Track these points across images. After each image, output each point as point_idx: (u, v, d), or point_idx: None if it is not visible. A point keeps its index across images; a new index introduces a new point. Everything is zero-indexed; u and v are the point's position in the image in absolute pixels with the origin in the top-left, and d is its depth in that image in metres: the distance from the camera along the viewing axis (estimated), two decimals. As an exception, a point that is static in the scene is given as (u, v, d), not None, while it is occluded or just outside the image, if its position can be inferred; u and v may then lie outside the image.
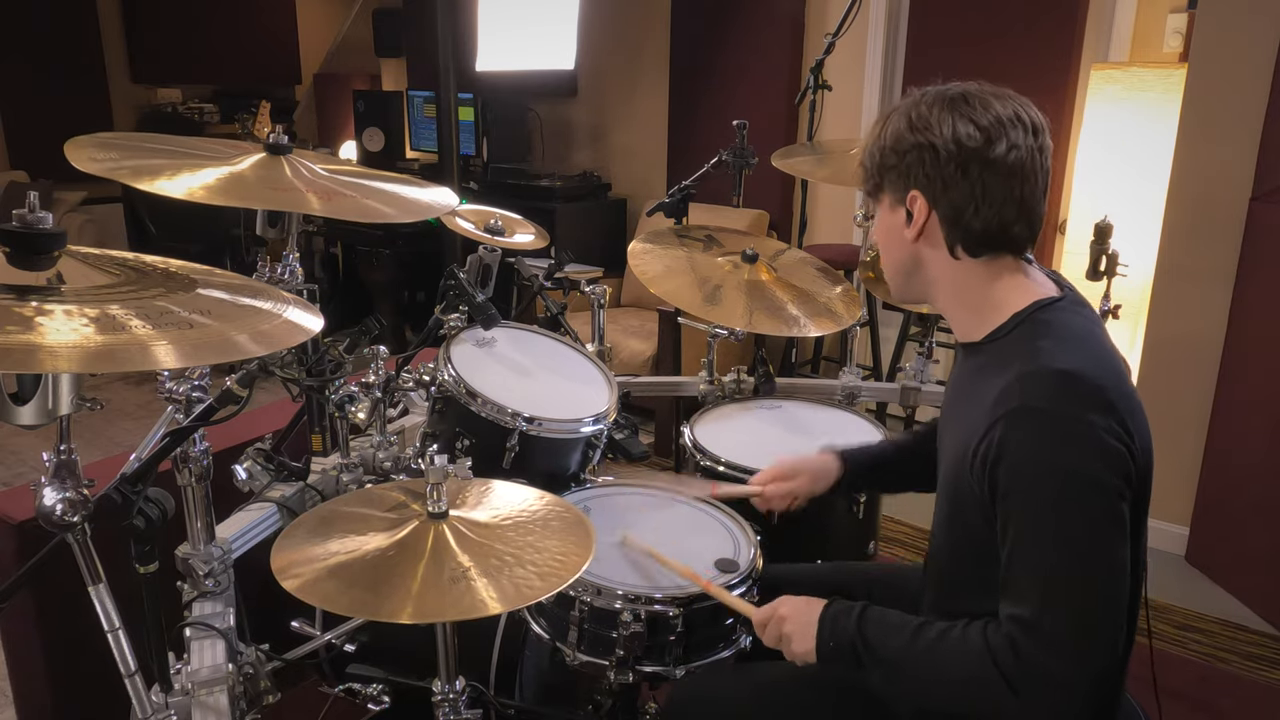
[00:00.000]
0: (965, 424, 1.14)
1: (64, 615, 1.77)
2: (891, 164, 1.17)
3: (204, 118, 6.14)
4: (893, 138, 1.17)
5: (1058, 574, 1.03)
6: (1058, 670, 1.01)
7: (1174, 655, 2.51)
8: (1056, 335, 1.10)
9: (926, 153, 1.13)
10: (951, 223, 1.15)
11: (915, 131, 1.14)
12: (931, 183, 1.14)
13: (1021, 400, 1.04)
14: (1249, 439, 2.71)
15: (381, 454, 1.72)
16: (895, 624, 1.16)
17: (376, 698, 1.50)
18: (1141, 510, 1.12)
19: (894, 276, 1.27)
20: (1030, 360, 1.07)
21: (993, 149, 1.11)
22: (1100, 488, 1.02)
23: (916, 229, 1.17)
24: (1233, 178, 2.70)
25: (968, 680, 1.08)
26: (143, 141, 1.50)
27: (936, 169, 1.13)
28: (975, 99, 1.13)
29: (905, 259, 1.22)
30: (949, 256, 1.17)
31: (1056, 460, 1.02)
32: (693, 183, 2.44)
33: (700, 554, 1.53)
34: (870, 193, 1.25)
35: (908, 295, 1.28)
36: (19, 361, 0.88)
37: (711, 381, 2.20)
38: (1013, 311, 1.15)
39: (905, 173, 1.16)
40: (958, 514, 1.17)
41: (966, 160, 1.12)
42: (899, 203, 1.19)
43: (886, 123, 1.19)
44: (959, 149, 1.11)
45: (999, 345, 1.15)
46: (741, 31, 4.26)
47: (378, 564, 1.14)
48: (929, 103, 1.15)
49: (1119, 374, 1.09)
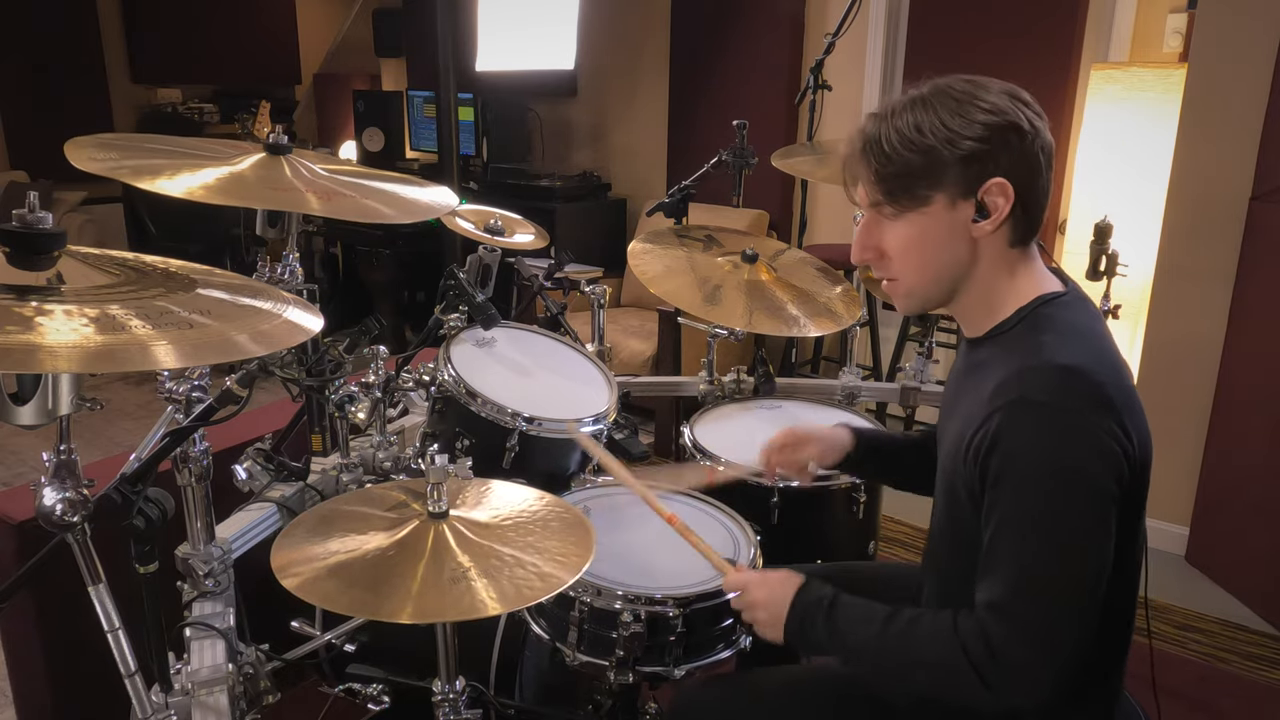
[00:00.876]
0: (964, 415, 1.14)
1: (64, 615, 1.77)
2: (964, 153, 1.06)
3: (204, 118, 6.14)
4: (945, 128, 1.06)
5: (1035, 565, 1.03)
6: (1025, 659, 1.02)
7: (1174, 655, 2.51)
8: (1059, 330, 1.09)
9: (1012, 135, 1.06)
10: (1029, 208, 1.10)
11: (985, 113, 1.06)
12: (1017, 167, 1.07)
13: (1020, 393, 1.04)
14: (1249, 439, 2.71)
15: (381, 454, 1.72)
16: (864, 615, 1.16)
17: (376, 698, 1.50)
18: (1137, 509, 1.12)
19: (934, 282, 1.16)
20: (1032, 354, 1.07)
21: (1044, 129, 1.09)
22: (1090, 486, 1.02)
23: (997, 220, 1.09)
24: (1233, 178, 2.70)
25: (937, 666, 1.08)
26: (143, 141, 1.50)
27: (1023, 152, 1.07)
28: (991, 84, 1.09)
29: (957, 261, 1.13)
30: (1005, 249, 1.12)
31: (1051, 454, 1.02)
32: (693, 183, 2.44)
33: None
34: (896, 193, 1.11)
35: (934, 302, 1.19)
36: (19, 361, 0.88)
37: (711, 381, 2.20)
38: (1017, 306, 1.14)
39: (986, 160, 1.06)
40: (953, 505, 1.17)
41: (1041, 141, 1.09)
42: (962, 197, 1.08)
43: (911, 115, 1.08)
44: (1034, 131, 1.08)
45: (1003, 339, 1.14)
46: (741, 31, 4.26)
47: (378, 564, 1.14)
48: (984, 89, 1.08)
49: (1119, 371, 1.09)
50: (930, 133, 1.07)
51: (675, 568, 1.49)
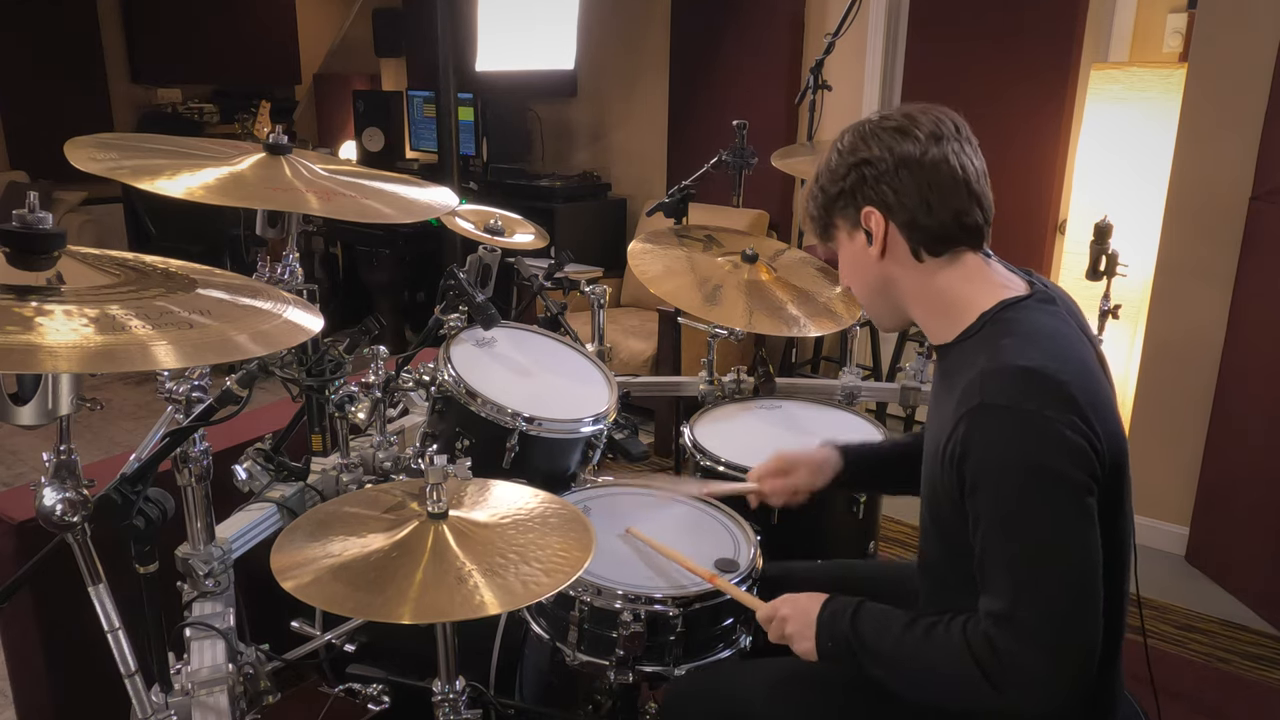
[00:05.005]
0: (937, 423, 1.17)
1: (64, 615, 1.77)
2: (836, 193, 1.22)
3: (204, 118, 6.14)
4: (828, 173, 1.23)
5: (1026, 568, 1.04)
6: (1034, 662, 1.03)
7: (1174, 655, 2.51)
8: (1019, 333, 1.12)
9: (865, 169, 1.18)
10: (910, 226, 1.18)
11: (847, 157, 1.20)
12: (880, 193, 1.18)
13: (981, 397, 1.06)
14: (1249, 439, 2.71)
15: (381, 454, 1.72)
16: (886, 622, 1.17)
17: (376, 698, 1.50)
18: (1118, 502, 1.13)
19: (871, 304, 1.30)
20: (992, 358, 1.09)
21: (924, 148, 1.15)
22: (1063, 481, 1.03)
23: (879, 244, 1.20)
24: (1233, 178, 2.70)
25: (951, 676, 1.09)
26: (143, 141, 1.50)
27: (879, 180, 1.18)
28: (894, 115, 1.19)
29: (875, 280, 1.25)
30: (915, 263, 1.20)
31: (1018, 456, 1.04)
32: (693, 183, 2.44)
33: (700, 554, 1.53)
34: (822, 236, 1.29)
35: (890, 319, 1.30)
36: (19, 361, 0.88)
37: (711, 381, 2.20)
38: (980, 311, 1.17)
39: (852, 195, 1.20)
40: (937, 511, 1.19)
41: (904, 163, 1.16)
42: (854, 227, 1.22)
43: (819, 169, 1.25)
44: (892, 155, 1.16)
45: (967, 345, 1.17)
46: (741, 31, 4.26)
47: (378, 564, 1.14)
48: (851, 134, 1.22)
49: (1083, 369, 1.11)
50: (820, 176, 1.25)
51: (675, 567, 1.49)
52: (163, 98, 6.10)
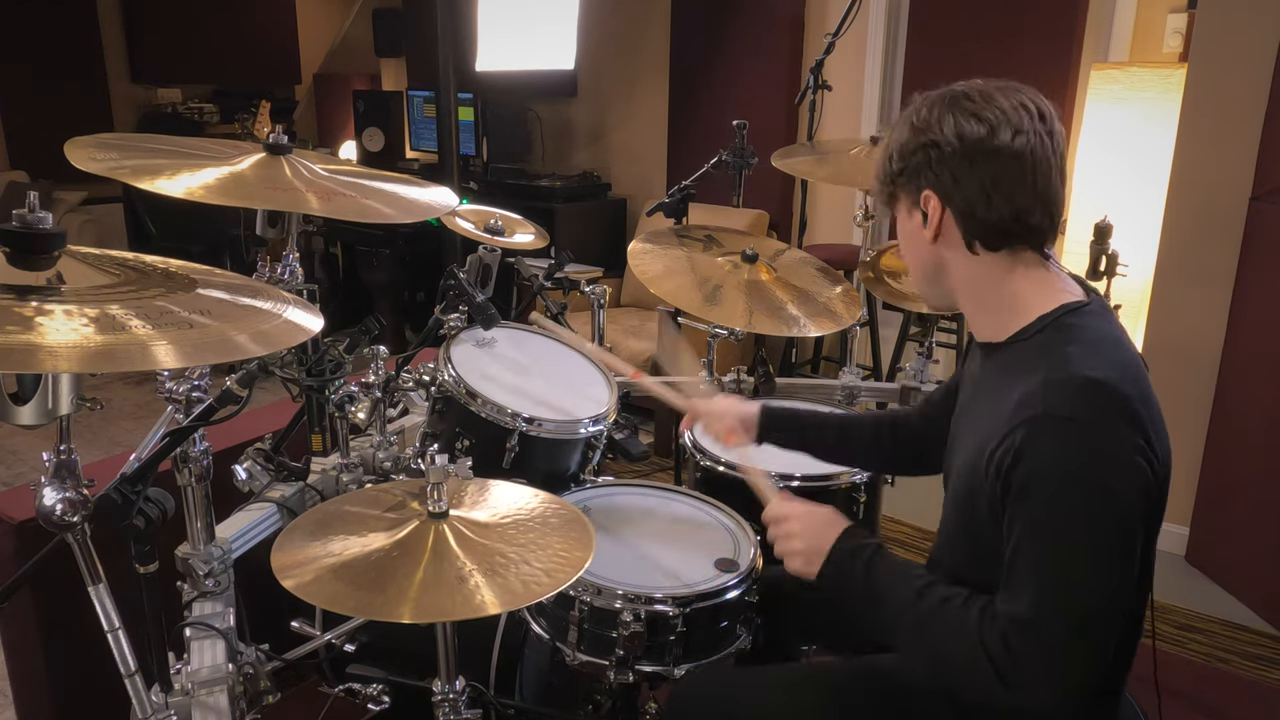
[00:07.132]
0: (984, 424, 1.13)
1: (64, 615, 1.77)
2: (900, 169, 1.18)
3: (204, 118, 6.14)
4: (898, 144, 1.19)
5: (1060, 581, 1.02)
6: (1047, 670, 1.02)
7: (1174, 655, 2.51)
8: (1085, 341, 1.08)
9: (931, 151, 1.14)
10: (966, 217, 1.14)
11: (918, 133, 1.16)
12: (940, 179, 1.14)
13: (1044, 407, 1.02)
14: (1249, 439, 2.71)
15: (381, 454, 1.72)
16: (901, 578, 1.17)
17: (376, 698, 1.50)
18: (1156, 519, 1.11)
19: (921, 282, 1.26)
20: (1057, 366, 1.06)
21: (996, 137, 1.11)
22: (1117, 503, 1.01)
23: (934, 229, 1.17)
24: (1233, 178, 2.70)
25: (956, 659, 1.09)
26: (143, 141, 1.50)
27: (943, 165, 1.13)
28: (976, 94, 1.14)
29: (927, 262, 1.22)
30: (968, 254, 1.16)
31: (1077, 471, 1.01)
32: (693, 183, 2.44)
33: (700, 554, 1.53)
34: (887, 203, 1.25)
35: (937, 300, 1.27)
36: (19, 361, 0.88)
37: (711, 381, 2.20)
38: (1039, 313, 1.13)
39: (915, 174, 1.17)
40: (966, 509, 1.16)
41: (971, 152, 1.12)
42: (914, 206, 1.19)
43: (893, 133, 1.21)
44: (961, 142, 1.12)
45: (1023, 347, 1.13)
46: (741, 31, 4.26)
47: (378, 564, 1.14)
48: (929, 104, 1.17)
49: (1142, 382, 1.08)
50: (891, 145, 1.21)
51: (675, 567, 1.49)
52: (163, 98, 6.10)
